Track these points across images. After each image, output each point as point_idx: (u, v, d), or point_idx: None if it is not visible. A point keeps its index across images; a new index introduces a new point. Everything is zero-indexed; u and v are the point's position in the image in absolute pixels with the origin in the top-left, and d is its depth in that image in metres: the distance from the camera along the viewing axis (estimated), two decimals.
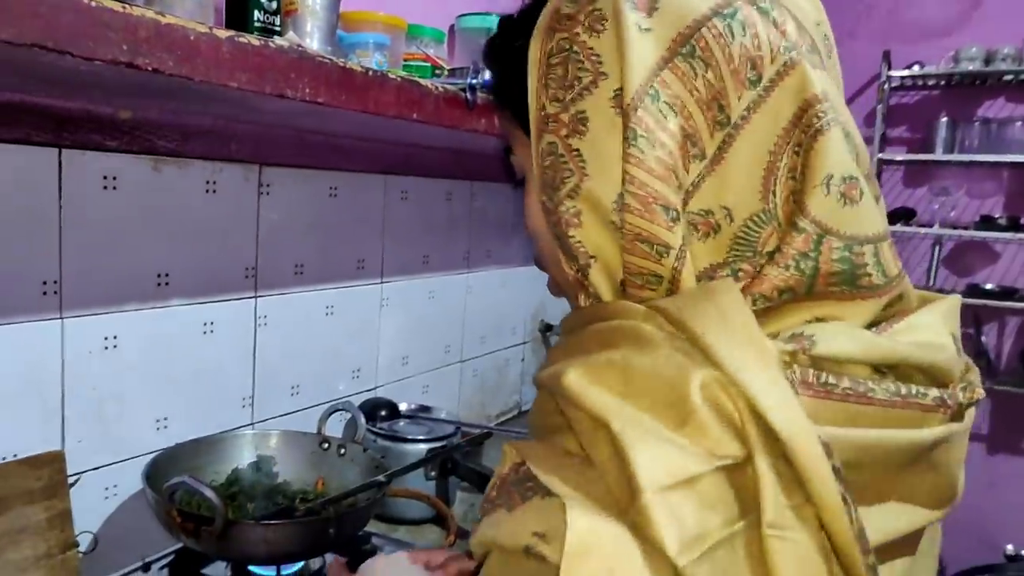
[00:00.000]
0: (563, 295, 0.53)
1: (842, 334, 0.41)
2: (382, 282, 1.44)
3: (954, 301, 0.47)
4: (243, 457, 1.05)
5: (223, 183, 1.10)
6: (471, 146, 1.39)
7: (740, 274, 0.43)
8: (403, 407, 1.41)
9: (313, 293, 1.29)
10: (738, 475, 0.37)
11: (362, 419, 1.09)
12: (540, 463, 0.41)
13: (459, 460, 1.27)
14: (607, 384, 0.39)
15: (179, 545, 0.96)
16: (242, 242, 1.14)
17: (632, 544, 0.36)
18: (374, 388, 1.45)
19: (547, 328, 2.02)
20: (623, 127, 0.42)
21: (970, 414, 0.43)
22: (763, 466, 0.36)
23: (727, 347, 0.38)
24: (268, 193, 1.17)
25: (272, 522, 0.86)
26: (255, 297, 1.17)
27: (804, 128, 0.42)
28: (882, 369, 0.41)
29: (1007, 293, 2.60)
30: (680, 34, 0.42)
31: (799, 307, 0.43)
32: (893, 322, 0.44)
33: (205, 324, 1.09)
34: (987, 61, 2.53)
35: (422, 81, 1.00)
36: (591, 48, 0.44)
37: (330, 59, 0.84)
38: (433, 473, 1.26)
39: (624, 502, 0.36)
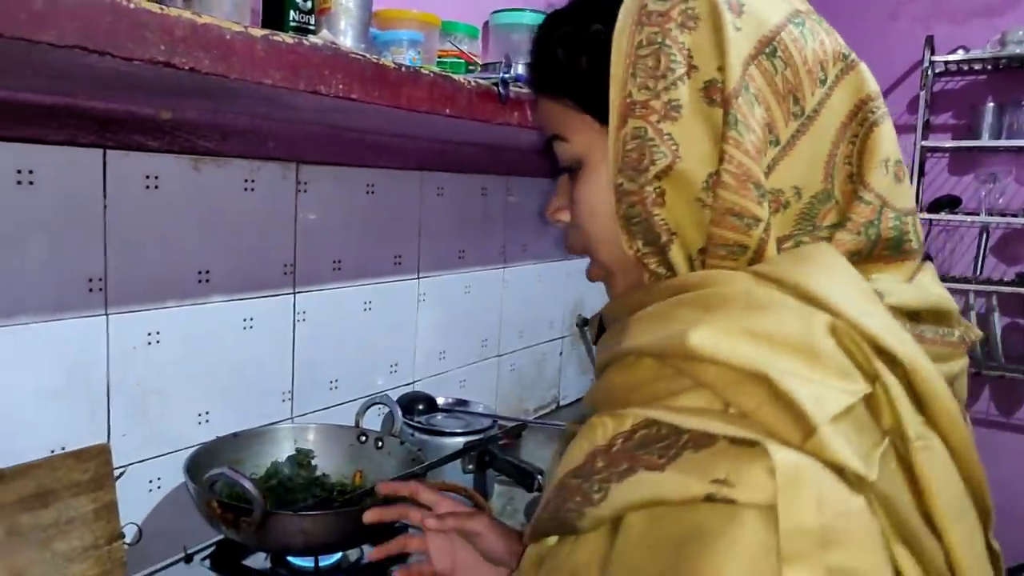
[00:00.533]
0: (606, 278, 0.57)
1: (899, 288, 0.49)
2: (419, 277, 1.45)
3: (932, 266, 0.55)
4: (282, 450, 1.07)
5: (261, 181, 1.12)
6: (505, 141, 1.39)
7: (801, 245, 0.50)
8: (440, 401, 1.42)
9: (351, 289, 1.30)
10: (872, 403, 0.42)
11: (399, 412, 1.10)
12: (689, 420, 0.43)
13: (496, 453, 1.27)
14: (741, 340, 0.43)
15: (220, 536, 0.98)
16: (280, 239, 1.16)
17: (824, 470, 0.40)
18: (412, 382, 1.46)
19: (584, 322, 2.00)
20: (723, 113, 0.47)
21: None
22: (896, 392, 0.42)
23: (842, 296, 0.44)
24: (305, 191, 1.19)
25: (309, 513, 0.87)
26: (294, 293, 1.19)
27: (860, 121, 0.50)
28: (913, 316, 0.48)
29: None
30: (764, 36, 0.49)
31: (858, 268, 0.49)
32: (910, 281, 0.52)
33: (245, 320, 1.11)
34: None
35: (455, 76, 1.00)
36: (682, 43, 0.49)
37: (363, 55, 0.84)
38: (470, 467, 1.26)
39: (794, 439, 0.40)
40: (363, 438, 1.09)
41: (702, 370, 0.44)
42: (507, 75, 1.08)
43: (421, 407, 1.37)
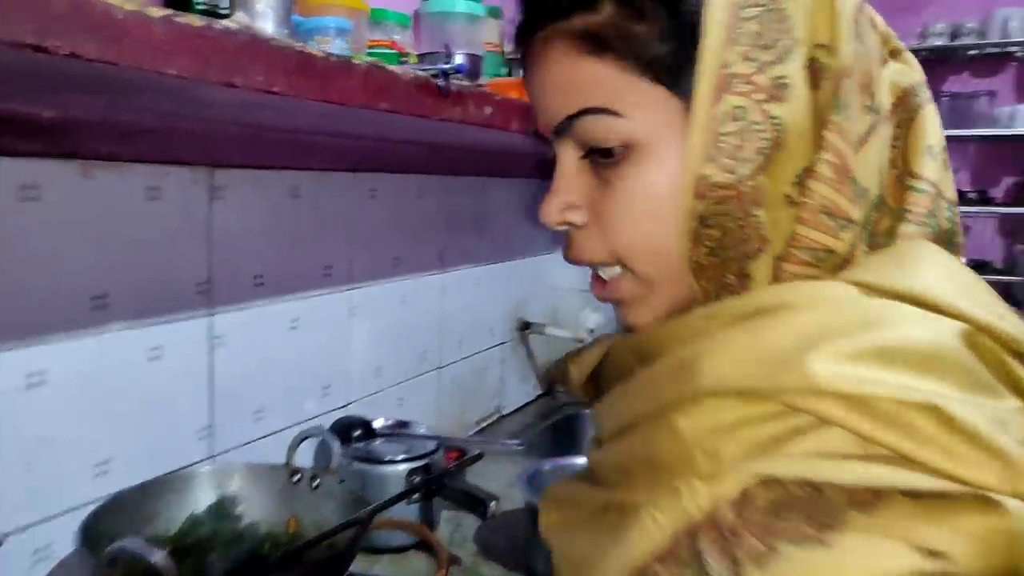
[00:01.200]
0: (638, 296, 0.46)
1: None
2: (351, 289, 1.32)
3: None
4: (200, 500, 0.93)
5: (168, 189, 0.97)
6: (442, 138, 1.28)
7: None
8: (378, 424, 1.29)
9: (276, 306, 1.16)
10: None
11: (336, 446, 0.98)
12: (838, 471, 0.34)
13: (445, 482, 1.17)
14: (873, 363, 0.35)
15: None
16: (192, 254, 1.02)
17: None
18: (346, 405, 1.33)
19: (525, 326, 1.92)
20: (831, 94, 0.40)
21: None
22: None
23: (966, 298, 0.38)
24: (222, 197, 1.05)
25: None
26: (209, 315, 1.05)
27: (900, 116, 0.45)
28: None
29: (978, 267, 2.59)
30: (851, 14, 0.42)
31: None
32: None
33: (152, 349, 0.96)
34: (953, 36, 2.50)
35: (390, 67, 0.88)
36: (785, 10, 0.41)
37: (286, 43, 0.73)
38: (416, 496, 1.15)
39: (994, 482, 0.32)
40: (296, 477, 0.97)
41: (824, 405, 0.35)
42: (448, 67, 0.97)
43: (358, 433, 1.25)
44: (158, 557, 0.66)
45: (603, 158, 0.44)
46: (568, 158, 0.46)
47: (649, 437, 0.41)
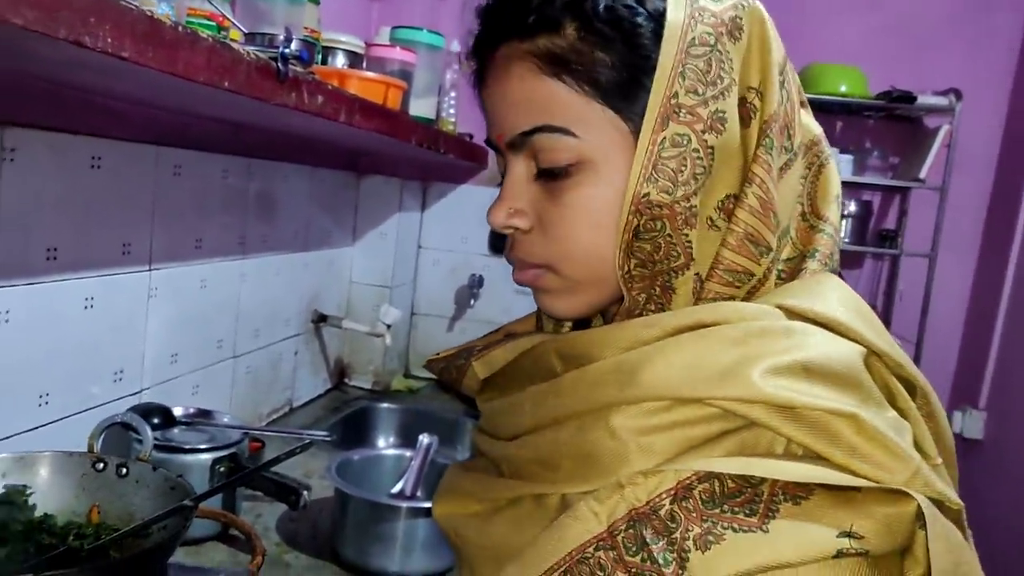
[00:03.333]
0: (561, 292, 0.49)
1: None
2: (151, 269, 1.24)
3: None
4: None
5: None
6: (249, 118, 1.25)
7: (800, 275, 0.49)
8: (178, 412, 1.23)
9: (69, 283, 1.07)
10: None
11: (148, 432, 0.94)
12: (768, 468, 0.39)
13: (249, 466, 1.16)
14: (801, 377, 0.40)
15: None
16: None
17: (935, 508, 0.39)
18: (139, 391, 1.25)
19: (321, 319, 1.91)
20: (758, 132, 0.45)
21: None
22: (921, 420, 0.44)
23: (865, 327, 0.43)
24: (12, 160, 0.95)
25: (47, 573, 0.69)
26: None
27: (810, 162, 0.51)
28: None
29: None
30: (779, 64, 0.47)
31: None
32: None
33: None
34: None
35: (233, 45, 0.87)
36: (727, 52, 0.45)
37: (135, 5, 0.70)
38: (218, 483, 1.12)
39: (897, 479, 0.38)
40: (101, 465, 0.91)
41: (759, 412, 0.40)
42: (288, 50, 0.97)
43: (157, 421, 1.18)
44: None
45: (552, 173, 0.47)
46: (519, 168, 0.49)
47: (583, 434, 0.43)
